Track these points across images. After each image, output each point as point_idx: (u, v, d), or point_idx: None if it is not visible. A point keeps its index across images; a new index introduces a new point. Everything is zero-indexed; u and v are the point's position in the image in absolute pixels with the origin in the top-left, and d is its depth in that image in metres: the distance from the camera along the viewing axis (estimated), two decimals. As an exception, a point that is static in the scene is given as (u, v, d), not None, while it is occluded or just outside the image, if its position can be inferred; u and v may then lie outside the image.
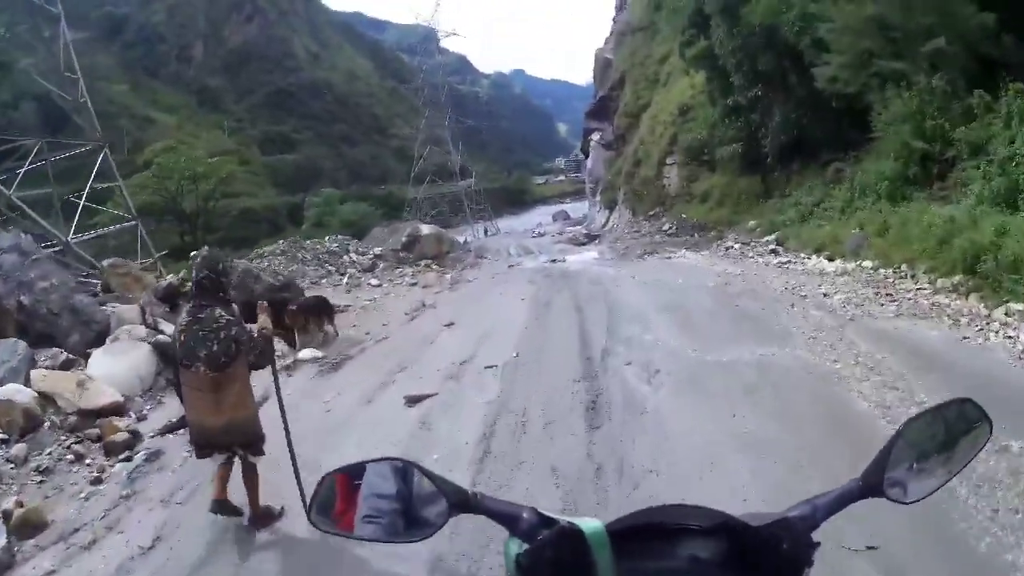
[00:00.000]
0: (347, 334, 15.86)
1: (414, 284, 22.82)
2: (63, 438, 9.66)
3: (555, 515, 1.35)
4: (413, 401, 9.96)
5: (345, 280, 23.66)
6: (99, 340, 13.49)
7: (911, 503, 1.45)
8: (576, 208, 74.40)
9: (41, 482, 8.56)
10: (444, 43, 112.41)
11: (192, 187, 55.44)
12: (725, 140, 30.93)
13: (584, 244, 36.27)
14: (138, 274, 19.56)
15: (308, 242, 28.49)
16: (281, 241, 28.03)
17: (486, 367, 11.36)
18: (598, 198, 49.76)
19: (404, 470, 1.46)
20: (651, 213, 36.23)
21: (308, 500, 1.59)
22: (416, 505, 1.44)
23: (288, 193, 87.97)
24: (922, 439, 1.51)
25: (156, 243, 45.96)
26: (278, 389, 6.79)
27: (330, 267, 25.57)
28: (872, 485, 1.44)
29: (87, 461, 9.13)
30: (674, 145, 37.14)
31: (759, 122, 28.28)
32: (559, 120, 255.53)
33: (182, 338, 6.26)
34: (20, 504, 7.61)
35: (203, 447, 6.54)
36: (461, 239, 47.19)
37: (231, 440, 6.47)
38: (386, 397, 10.58)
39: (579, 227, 50.10)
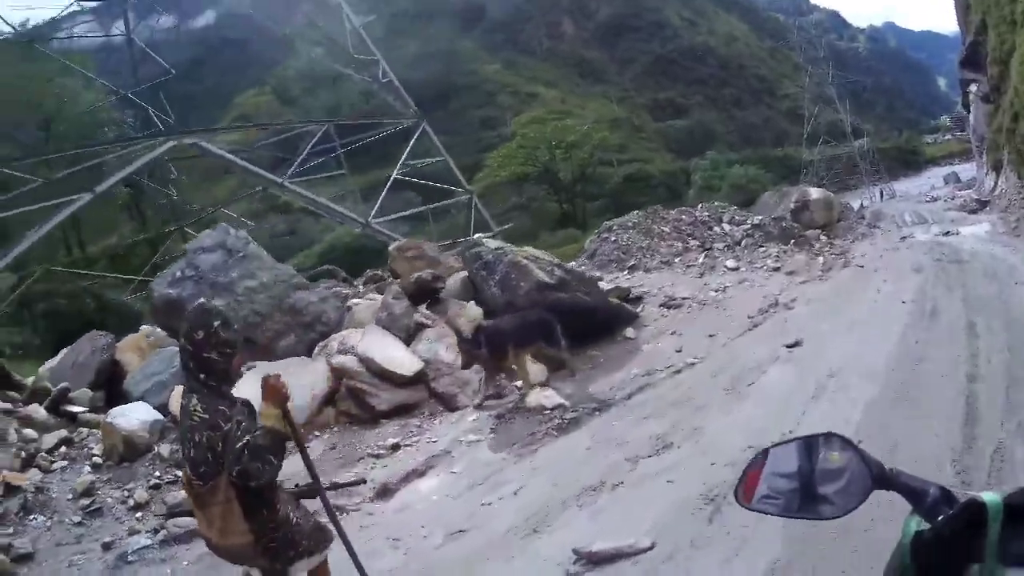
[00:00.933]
0: (654, 349, 11.88)
1: (777, 269, 17.61)
2: (157, 475, 8.30)
3: (959, 491, 1.31)
4: (588, 563, 5.17)
5: (701, 260, 18.68)
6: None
7: None
8: (965, 170, 64.18)
9: (77, 523, 7.34)
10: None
11: (566, 155, 53.28)
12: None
13: (975, 212, 30.33)
14: (433, 256, 16.23)
15: (673, 212, 23.32)
16: (636, 212, 22.73)
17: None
18: (984, 158, 41.33)
19: (810, 447, 1.46)
20: (1038, 176, 30.94)
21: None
22: (831, 478, 1.42)
23: (683, 158, 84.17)
24: None
25: (533, 214, 45.19)
26: (327, 506, 4.48)
27: (694, 241, 20.37)
28: None
29: (140, 514, 7.57)
30: (1052, 94, 31.03)
31: None
32: (937, 73, 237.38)
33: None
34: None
35: None
36: (856, 204, 41.57)
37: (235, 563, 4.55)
38: (559, 531, 6.00)
39: (969, 191, 42.06)
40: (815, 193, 26.94)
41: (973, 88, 44.28)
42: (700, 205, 24.67)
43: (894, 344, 10.19)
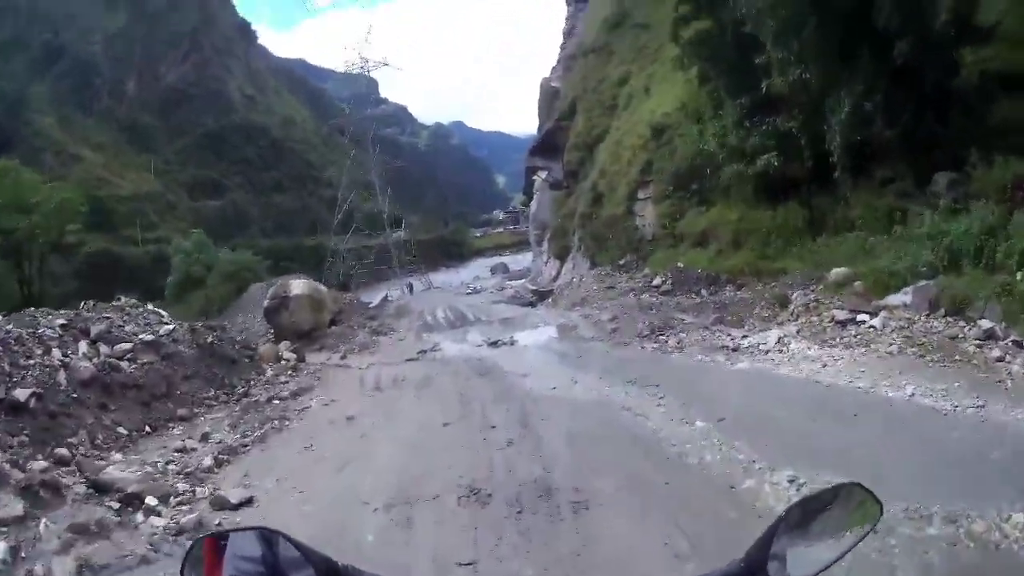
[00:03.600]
0: None
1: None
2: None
3: None
4: None
5: None
6: None
7: None
8: (516, 261, 68.12)
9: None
10: (384, 92, 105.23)
11: (34, 223, 41.12)
12: (746, 153, 19.54)
13: (533, 305, 26.76)
14: None
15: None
16: None
17: None
18: (545, 246, 40.22)
19: (270, 539, 1.38)
20: (621, 262, 26.07)
21: (181, 562, 1.40)
22: (295, 567, 1.36)
23: (216, 241, 75.78)
24: (809, 521, 1.44)
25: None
26: None
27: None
28: (755, 565, 1.35)
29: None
30: (647, 175, 27.39)
31: (803, 120, 17.98)
32: (497, 172, 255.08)
33: None
34: None
35: None
36: (383, 295, 40.21)
37: None
38: None
39: (521, 281, 41.52)
40: (297, 287, 21.34)
41: (541, 175, 44.01)
42: (73, 309, 13.96)
43: None
